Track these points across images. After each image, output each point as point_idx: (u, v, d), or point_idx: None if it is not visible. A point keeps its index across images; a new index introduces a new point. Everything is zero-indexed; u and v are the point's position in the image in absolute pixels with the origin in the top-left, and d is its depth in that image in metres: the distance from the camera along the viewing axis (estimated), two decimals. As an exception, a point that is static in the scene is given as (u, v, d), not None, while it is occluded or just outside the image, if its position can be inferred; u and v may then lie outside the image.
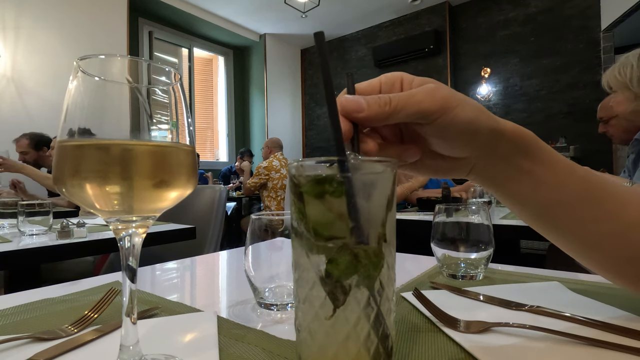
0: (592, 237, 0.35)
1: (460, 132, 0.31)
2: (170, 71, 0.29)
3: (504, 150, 0.33)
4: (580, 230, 0.35)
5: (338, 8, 5.09)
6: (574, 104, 4.12)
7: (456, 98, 0.30)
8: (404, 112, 0.30)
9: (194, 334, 0.37)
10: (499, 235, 0.58)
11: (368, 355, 0.25)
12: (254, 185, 3.55)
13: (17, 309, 0.45)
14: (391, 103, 0.29)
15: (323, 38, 0.28)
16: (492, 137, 0.32)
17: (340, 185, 0.24)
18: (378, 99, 0.30)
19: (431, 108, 0.30)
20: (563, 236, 0.37)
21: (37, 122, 3.21)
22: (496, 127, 0.32)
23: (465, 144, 0.32)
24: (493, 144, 0.32)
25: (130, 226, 0.28)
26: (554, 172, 0.34)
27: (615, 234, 0.34)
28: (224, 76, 6.05)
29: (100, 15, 3.87)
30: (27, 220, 1.10)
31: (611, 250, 0.35)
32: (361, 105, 0.29)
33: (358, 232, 0.24)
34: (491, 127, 0.32)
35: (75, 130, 0.26)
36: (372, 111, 0.29)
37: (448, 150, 0.33)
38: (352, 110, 0.29)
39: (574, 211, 0.34)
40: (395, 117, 0.30)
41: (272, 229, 0.46)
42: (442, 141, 0.32)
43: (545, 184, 0.34)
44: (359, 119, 0.30)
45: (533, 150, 0.33)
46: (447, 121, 0.30)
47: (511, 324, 0.36)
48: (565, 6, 4.22)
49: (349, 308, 0.24)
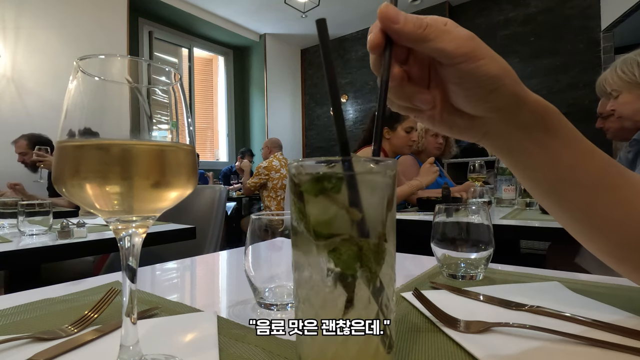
0: (602, 220, 0.35)
1: (479, 85, 0.30)
2: (170, 71, 0.29)
3: (524, 120, 0.32)
4: (590, 212, 0.35)
5: (338, 8, 5.09)
6: (574, 104, 4.12)
7: (486, 52, 0.30)
8: (432, 44, 0.30)
9: (194, 334, 0.37)
10: (499, 235, 0.58)
11: (368, 355, 0.25)
12: (254, 185, 3.55)
13: (17, 309, 0.45)
14: (426, 28, 0.29)
15: (325, 25, 0.28)
16: (513, 102, 0.32)
17: (340, 181, 0.24)
18: (416, 19, 0.30)
19: (457, 50, 0.29)
20: (571, 216, 0.37)
21: (37, 122, 3.21)
22: (519, 93, 0.31)
23: (482, 100, 0.32)
24: (513, 110, 0.32)
25: (130, 226, 0.28)
26: (574, 151, 0.33)
27: (626, 220, 0.34)
28: (224, 76, 6.04)
29: (100, 15, 3.87)
30: (27, 220, 1.10)
31: (619, 235, 0.35)
32: (399, 17, 0.29)
33: (358, 230, 0.24)
34: (514, 92, 0.31)
35: (75, 130, 0.26)
36: (407, 28, 0.29)
37: (465, 103, 0.33)
38: (388, 18, 0.29)
39: (589, 193, 0.34)
40: (423, 44, 0.30)
41: (272, 229, 0.46)
42: (460, 90, 0.32)
43: (563, 162, 0.33)
44: (392, 29, 0.30)
45: (555, 126, 0.33)
46: (470, 69, 0.30)
47: (511, 324, 0.36)
48: (565, 6, 4.22)
49: (349, 308, 0.24)
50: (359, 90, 5.87)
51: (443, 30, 0.30)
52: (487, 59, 0.30)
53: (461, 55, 0.29)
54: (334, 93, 0.28)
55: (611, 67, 1.39)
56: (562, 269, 0.60)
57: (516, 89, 0.31)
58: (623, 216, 0.34)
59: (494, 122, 0.33)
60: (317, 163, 0.25)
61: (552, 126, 0.33)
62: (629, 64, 1.31)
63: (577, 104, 4.09)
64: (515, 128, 0.33)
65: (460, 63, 0.30)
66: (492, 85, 0.30)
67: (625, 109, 1.36)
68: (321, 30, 0.28)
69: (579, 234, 0.37)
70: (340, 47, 6.01)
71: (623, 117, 1.38)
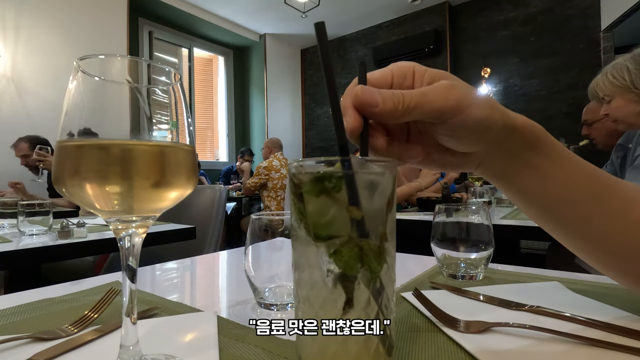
0: (598, 234, 0.35)
1: (472, 131, 0.30)
2: (170, 71, 0.29)
3: (514, 145, 0.33)
4: (585, 227, 0.35)
5: (338, 8, 5.09)
6: (573, 104, 4.11)
7: (469, 97, 0.30)
8: (417, 112, 0.29)
9: (194, 334, 0.37)
10: (499, 235, 0.58)
11: (368, 355, 0.25)
12: (254, 185, 3.55)
13: (17, 309, 0.45)
14: (404, 102, 0.29)
15: (324, 29, 0.28)
16: (504, 132, 0.32)
17: (340, 181, 0.24)
18: (392, 95, 0.29)
19: (444, 108, 0.29)
20: (568, 233, 0.37)
21: (37, 122, 3.21)
22: (508, 122, 0.31)
23: (476, 141, 0.32)
24: (503, 138, 0.32)
25: (130, 226, 0.28)
26: (562, 167, 0.33)
27: (621, 232, 0.34)
28: (224, 76, 6.04)
29: (100, 15, 3.86)
30: (27, 220, 1.10)
31: (616, 247, 0.35)
32: (376, 100, 0.29)
33: (358, 231, 0.24)
34: (503, 123, 0.31)
35: (75, 130, 0.26)
36: (387, 107, 0.29)
37: (458, 147, 0.33)
38: (367, 104, 0.29)
39: (581, 208, 0.34)
40: (407, 116, 0.29)
41: (272, 229, 0.46)
42: (453, 139, 0.32)
43: (554, 180, 0.33)
44: (373, 113, 0.29)
45: (542, 145, 0.33)
46: (460, 121, 0.29)
47: (511, 324, 0.36)
48: (565, 6, 4.21)
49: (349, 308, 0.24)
50: (359, 90, 5.86)
51: (420, 94, 0.29)
52: (473, 104, 0.29)
53: (450, 111, 0.29)
54: (332, 95, 0.27)
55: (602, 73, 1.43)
56: (562, 269, 0.60)
57: (504, 119, 0.31)
58: (617, 228, 0.34)
59: (487, 153, 0.33)
60: (317, 163, 0.25)
61: (539, 145, 0.33)
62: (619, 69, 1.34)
63: (577, 104, 4.09)
64: (506, 154, 0.33)
65: (450, 118, 0.29)
66: (484, 126, 0.30)
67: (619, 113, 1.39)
68: (320, 33, 0.28)
69: (579, 250, 0.38)
70: (340, 47, 6.00)
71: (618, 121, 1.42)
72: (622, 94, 1.35)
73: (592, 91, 1.50)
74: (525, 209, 0.37)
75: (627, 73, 1.31)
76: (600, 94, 1.44)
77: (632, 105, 1.33)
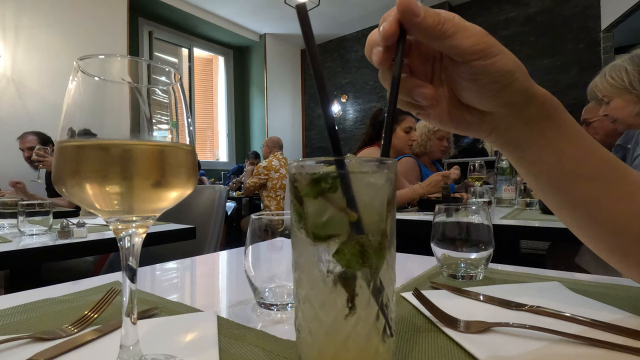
0: (605, 214, 0.35)
1: (494, 81, 0.30)
2: (170, 71, 0.29)
3: (532, 114, 0.33)
4: (593, 207, 0.35)
5: (338, 8, 5.09)
6: (574, 104, 4.11)
7: (499, 48, 0.30)
8: (449, 41, 0.29)
9: (194, 334, 0.37)
10: (499, 235, 0.58)
11: (368, 355, 0.25)
12: (254, 185, 3.55)
13: (17, 309, 0.45)
14: (445, 24, 0.29)
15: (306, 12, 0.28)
16: (524, 97, 0.32)
17: (339, 181, 0.24)
18: (434, 13, 0.29)
19: (476, 46, 0.29)
20: (575, 211, 0.37)
21: (37, 122, 3.21)
22: (529, 87, 0.32)
23: (495, 95, 0.32)
24: (522, 104, 0.32)
25: (130, 226, 0.28)
26: (577, 144, 0.34)
27: (629, 214, 0.34)
28: (224, 76, 6.04)
29: (100, 15, 3.87)
30: (27, 220, 1.10)
31: (622, 229, 0.35)
32: (419, 10, 0.29)
33: (358, 231, 0.24)
34: (525, 87, 0.31)
35: (75, 130, 0.26)
36: (427, 22, 0.29)
37: (476, 99, 0.33)
38: (410, 10, 0.29)
39: (591, 186, 0.34)
40: (441, 40, 0.30)
41: (272, 229, 0.46)
42: (474, 86, 0.32)
43: (567, 155, 0.33)
44: (412, 22, 0.29)
45: (559, 119, 0.33)
46: (484, 65, 0.30)
47: (511, 324, 0.36)
48: (565, 6, 4.22)
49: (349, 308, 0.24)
50: (359, 90, 5.87)
51: (460, 26, 0.29)
52: (501, 55, 0.30)
53: (478, 52, 0.29)
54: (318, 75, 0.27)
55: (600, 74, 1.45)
56: (562, 269, 0.60)
57: (527, 83, 0.31)
58: (625, 210, 0.34)
59: (503, 116, 0.33)
60: (316, 163, 0.25)
61: (557, 120, 0.33)
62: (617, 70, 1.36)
63: (577, 104, 4.07)
64: (523, 122, 0.33)
65: (475, 60, 0.30)
66: (506, 80, 0.30)
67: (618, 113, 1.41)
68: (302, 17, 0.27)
69: (582, 230, 0.37)
70: (340, 47, 6.01)
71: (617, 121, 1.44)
72: (620, 95, 1.37)
73: (591, 92, 1.51)
74: (535, 182, 0.37)
75: (626, 74, 1.32)
76: (599, 95, 1.45)
77: (631, 106, 1.35)
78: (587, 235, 0.37)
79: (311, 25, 0.27)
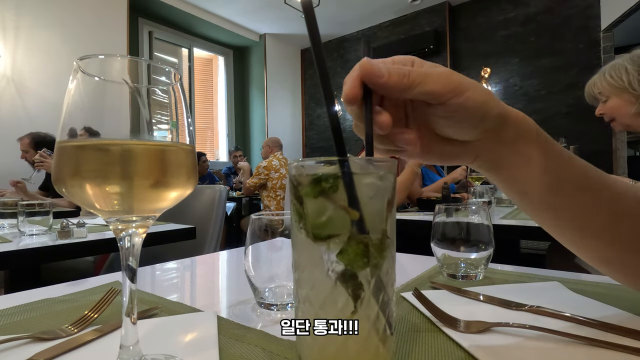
0: (592, 226, 0.35)
1: (470, 115, 0.31)
2: (170, 71, 0.29)
3: (508, 135, 0.33)
4: (580, 219, 0.35)
5: (338, 8, 5.09)
6: (573, 104, 4.11)
7: (468, 82, 0.31)
8: (420, 89, 0.30)
9: (194, 334, 0.37)
10: (499, 235, 0.58)
11: (368, 355, 0.25)
12: (254, 185, 3.55)
13: (17, 309, 0.45)
14: (409, 76, 0.30)
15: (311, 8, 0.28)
16: (499, 121, 0.33)
17: (339, 182, 0.24)
18: (398, 69, 0.30)
19: (445, 89, 0.30)
20: (564, 227, 0.37)
21: (37, 122, 3.20)
22: (502, 111, 0.33)
23: (473, 127, 0.32)
24: (499, 128, 0.33)
25: (130, 226, 0.28)
26: (555, 160, 0.34)
27: (615, 222, 0.35)
28: (224, 76, 6.04)
29: (100, 15, 3.86)
30: (27, 220, 1.10)
31: (612, 238, 0.35)
32: (382, 71, 0.29)
33: (358, 231, 0.24)
34: (498, 111, 0.32)
35: (76, 130, 0.26)
36: (392, 80, 0.29)
37: (456, 133, 0.33)
38: (372, 74, 0.29)
39: (575, 199, 0.35)
40: (410, 91, 0.30)
41: (272, 229, 0.46)
42: (451, 122, 0.32)
43: (547, 172, 0.34)
44: (378, 84, 0.30)
45: (534, 137, 0.34)
46: (459, 103, 0.30)
47: (511, 324, 0.36)
48: (565, 6, 4.21)
49: (349, 308, 0.24)
50: (359, 90, 5.86)
51: (426, 73, 0.30)
52: (472, 89, 0.31)
53: (451, 91, 0.30)
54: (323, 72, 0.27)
55: (600, 73, 1.45)
56: (562, 269, 0.60)
57: (500, 108, 0.32)
58: (610, 219, 0.35)
59: (483, 143, 0.34)
60: (316, 163, 0.25)
61: (531, 137, 0.34)
62: (617, 70, 1.36)
63: (577, 104, 4.09)
64: (502, 145, 0.34)
65: (449, 99, 0.30)
66: (482, 112, 0.31)
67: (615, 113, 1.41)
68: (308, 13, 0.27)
69: (575, 246, 0.38)
70: (340, 47, 6.00)
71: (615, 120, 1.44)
72: (618, 94, 1.37)
73: (589, 91, 1.51)
74: (522, 202, 0.38)
75: (625, 74, 1.33)
76: (596, 93, 1.45)
77: (629, 106, 1.35)
78: (580, 249, 0.38)
79: (317, 21, 0.27)
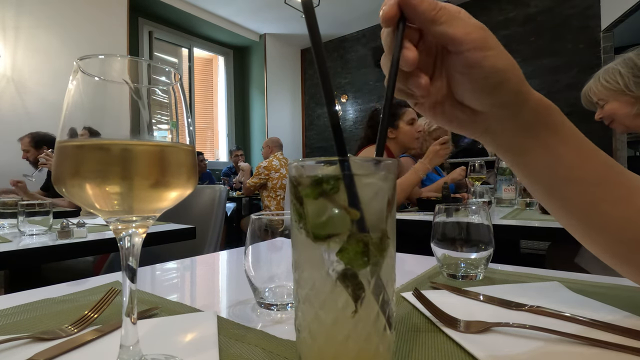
0: (602, 218, 0.34)
1: (485, 76, 0.30)
2: (170, 71, 0.29)
3: (526, 118, 0.32)
4: (591, 211, 0.35)
5: (338, 8, 5.09)
6: (574, 104, 4.08)
7: (495, 43, 0.30)
8: (442, 27, 0.30)
9: (194, 334, 0.37)
10: (499, 235, 0.58)
11: (368, 355, 0.25)
12: (254, 185, 3.55)
13: (17, 309, 0.45)
14: (439, 11, 0.29)
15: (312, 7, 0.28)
16: (516, 99, 0.31)
17: (339, 182, 0.24)
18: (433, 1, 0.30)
19: (467, 37, 0.29)
20: (573, 215, 0.36)
21: (37, 122, 3.20)
22: (523, 90, 0.31)
23: (486, 93, 0.31)
24: (515, 107, 0.32)
25: (130, 226, 0.28)
26: (575, 150, 0.33)
27: (626, 218, 0.34)
28: (224, 76, 6.04)
29: (100, 15, 3.86)
30: (27, 220, 1.10)
31: (620, 233, 0.35)
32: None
33: (359, 230, 0.24)
34: (518, 88, 0.31)
35: (76, 130, 0.26)
36: (422, 6, 0.29)
37: (468, 96, 0.32)
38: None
39: (589, 191, 0.34)
40: (434, 26, 0.30)
41: (272, 229, 0.46)
42: (465, 81, 0.32)
43: (564, 161, 0.33)
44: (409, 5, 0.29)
45: (557, 125, 0.33)
46: (476, 58, 0.30)
47: (511, 324, 0.36)
48: (565, 6, 4.21)
49: (349, 308, 0.24)
50: (359, 90, 5.87)
51: (455, 15, 0.30)
52: (495, 51, 0.30)
53: (470, 42, 0.29)
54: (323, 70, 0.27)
55: (594, 78, 1.47)
56: (562, 269, 0.60)
57: (520, 85, 0.31)
58: (623, 214, 0.34)
59: (496, 118, 0.33)
60: (317, 163, 0.25)
61: (553, 125, 0.33)
62: (611, 74, 1.38)
63: (578, 104, 4.07)
64: (516, 126, 0.33)
65: (468, 50, 0.30)
66: (497, 78, 0.30)
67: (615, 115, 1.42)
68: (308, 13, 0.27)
69: (580, 234, 0.37)
70: (340, 47, 6.00)
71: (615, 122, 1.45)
72: (616, 97, 1.39)
73: (586, 96, 1.53)
74: (532, 186, 0.37)
75: (620, 77, 1.35)
76: (594, 99, 1.46)
77: (628, 107, 1.37)
78: (585, 239, 0.37)
79: (317, 21, 0.27)
